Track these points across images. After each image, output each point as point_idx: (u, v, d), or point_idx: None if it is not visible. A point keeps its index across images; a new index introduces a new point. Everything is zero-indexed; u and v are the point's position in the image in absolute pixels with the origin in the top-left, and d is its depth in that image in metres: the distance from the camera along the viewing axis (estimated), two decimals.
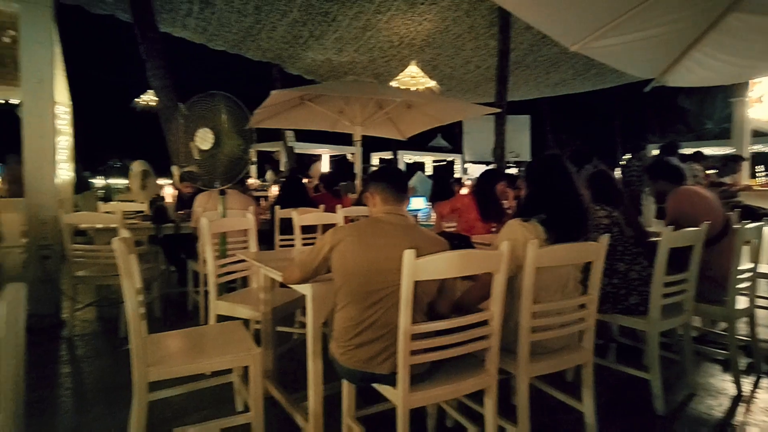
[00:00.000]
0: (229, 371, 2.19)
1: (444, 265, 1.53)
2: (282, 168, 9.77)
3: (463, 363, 1.68)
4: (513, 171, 9.80)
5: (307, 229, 3.19)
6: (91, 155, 5.07)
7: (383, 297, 1.55)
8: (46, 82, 3.09)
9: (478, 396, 1.72)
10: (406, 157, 14.43)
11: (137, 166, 4.81)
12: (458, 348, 1.56)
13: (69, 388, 2.51)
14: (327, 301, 1.82)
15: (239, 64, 10.10)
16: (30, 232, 3.00)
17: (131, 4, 5.51)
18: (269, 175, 8.74)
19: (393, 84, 7.64)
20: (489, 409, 1.69)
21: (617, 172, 6.49)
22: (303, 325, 3.03)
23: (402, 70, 7.97)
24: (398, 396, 1.52)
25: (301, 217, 3.14)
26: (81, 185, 5.33)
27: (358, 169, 5.70)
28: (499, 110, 7.09)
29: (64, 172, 4.04)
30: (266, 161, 10.05)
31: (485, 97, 10.62)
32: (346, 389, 1.79)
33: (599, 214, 2.35)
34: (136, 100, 8.37)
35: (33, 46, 3.04)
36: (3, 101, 5.61)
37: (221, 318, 2.41)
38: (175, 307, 3.83)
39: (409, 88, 7.48)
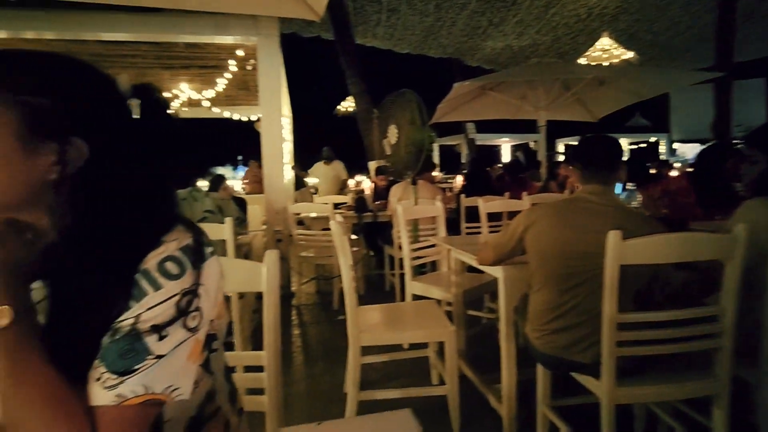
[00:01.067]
0: (424, 346, 2.37)
1: (658, 249, 1.37)
2: (463, 160, 9.91)
3: (685, 362, 1.48)
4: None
5: (492, 217, 3.20)
6: (303, 157, 6.07)
7: (584, 281, 1.47)
8: (276, 100, 3.80)
9: (702, 404, 1.49)
10: None
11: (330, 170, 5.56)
12: (676, 345, 1.39)
13: (299, 346, 3.08)
14: (519, 285, 1.82)
15: (421, 64, 10.61)
16: (268, 220, 3.78)
17: (333, 24, 6.32)
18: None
19: (581, 62, 7.00)
20: (718, 422, 1.46)
21: None
22: (491, 311, 3.06)
23: (591, 45, 7.23)
24: (602, 389, 1.42)
25: (487, 204, 3.16)
26: (298, 183, 6.41)
27: (542, 156, 5.43)
28: (720, 74, 5.84)
29: (288, 171, 4.91)
30: (449, 155, 10.33)
31: (700, 62, 8.88)
32: (542, 375, 1.75)
33: None
34: (337, 107, 9.56)
35: (267, 70, 3.77)
36: (246, 118, 7.17)
37: (415, 297, 2.62)
38: (375, 288, 4.28)
39: (600, 64, 6.75)
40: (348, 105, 9.13)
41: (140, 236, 0.67)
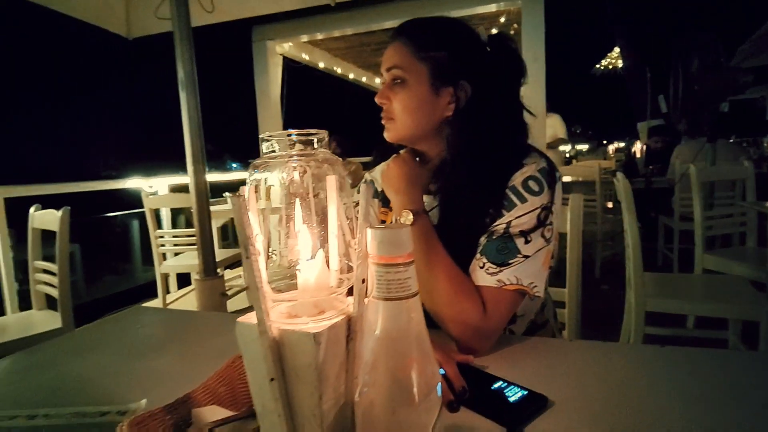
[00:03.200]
0: (719, 326, 2.05)
1: None
2: None
3: None
4: None
5: None
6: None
7: None
8: (540, 63, 3.73)
9: None
10: None
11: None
12: None
13: None
14: None
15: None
16: None
17: None
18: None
19: None
20: None
21: None
22: None
23: None
24: None
25: None
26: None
27: None
28: None
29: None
30: (744, 112, 8.16)
31: None
32: None
33: None
34: (596, 66, 8.66)
35: (531, 33, 3.74)
36: None
37: (707, 272, 2.26)
38: (644, 262, 3.85)
39: None
40: (608, 62, 8.15)
41: (508, 159, 0.82)
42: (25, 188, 2.75)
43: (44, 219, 1.90)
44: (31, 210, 1.97)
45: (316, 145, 0.42)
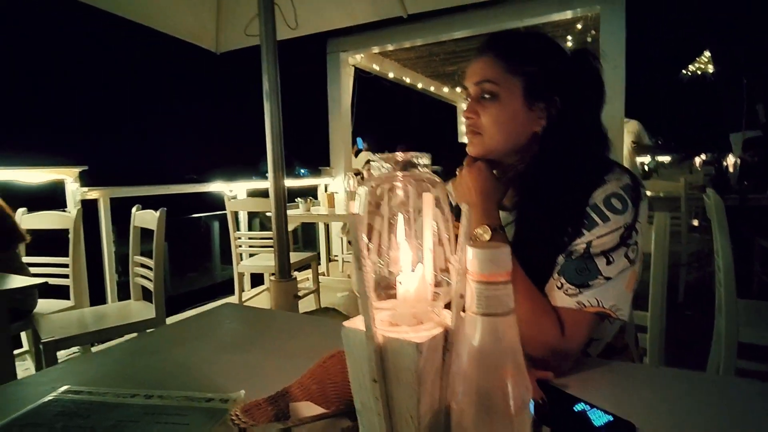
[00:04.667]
0: None
1: None
2: None
3: None
4: None
5: None
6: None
7: None
8: (619, 69, 3.57)
9: None
10: None
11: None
12: None
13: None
14: None
15: None
16: None
17: None
18: None
19: None
20: None
21: None
22: None
23: None
24: None
25: None
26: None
27: None
28: None
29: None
30: None
31: None
32: None
33: None
34: (683, 71, 8.03)
35: (610, 38, 3.59)
36: None
37: None
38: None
39: None
40: (696, 67, 7.54)
41: (590, 175, 0.80)
42: (127, 189, 3.06)
43: (144, 218, 2.11)
44: (134, 210, 2.20)
45: (418, 167, 0.45)
